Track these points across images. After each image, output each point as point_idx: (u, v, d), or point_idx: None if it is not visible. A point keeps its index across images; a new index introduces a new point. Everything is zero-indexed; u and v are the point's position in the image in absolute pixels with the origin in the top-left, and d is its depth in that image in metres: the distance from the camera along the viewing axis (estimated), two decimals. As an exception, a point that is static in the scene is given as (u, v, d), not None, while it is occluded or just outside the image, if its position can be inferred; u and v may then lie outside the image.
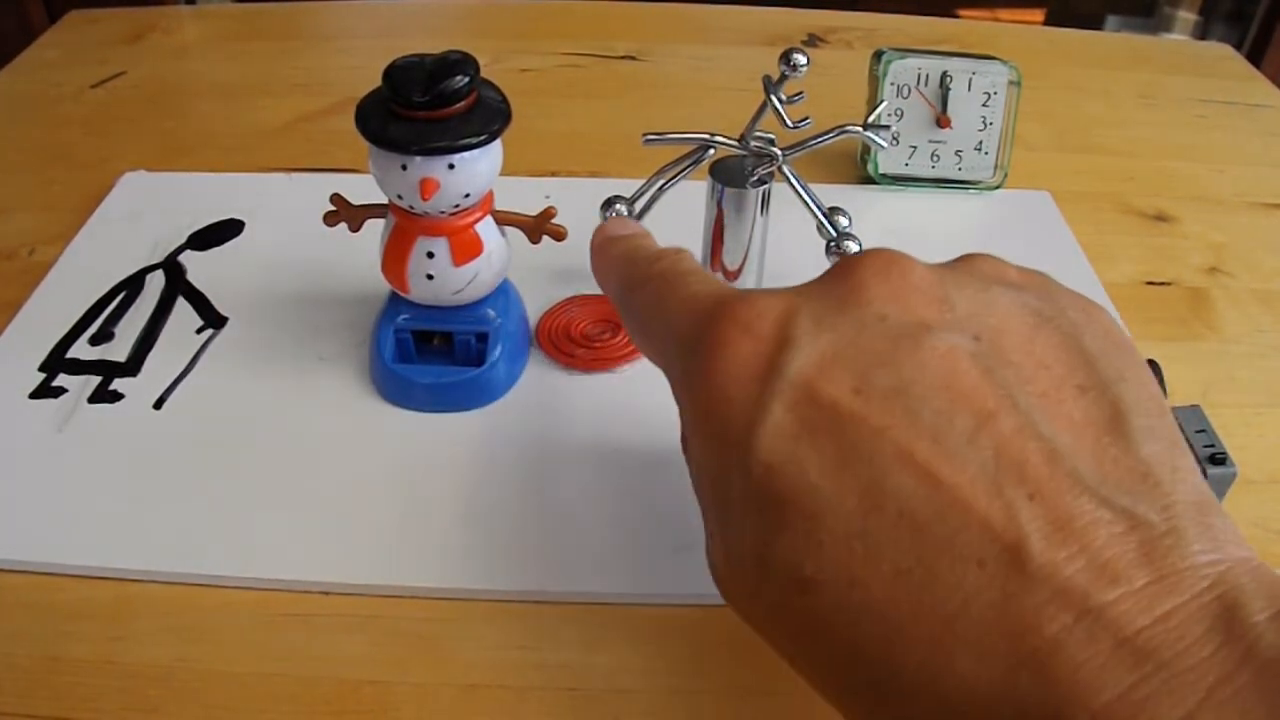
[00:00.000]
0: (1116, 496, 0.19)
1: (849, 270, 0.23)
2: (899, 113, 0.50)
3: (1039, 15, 1.72)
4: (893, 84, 0.50)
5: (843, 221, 0.42)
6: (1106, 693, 0.17)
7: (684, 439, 0.27)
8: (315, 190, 0.39)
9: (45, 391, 0.39)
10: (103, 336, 0.41)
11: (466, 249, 0.36)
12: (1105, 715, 0.17)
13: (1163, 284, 0.47)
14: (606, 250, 0.30)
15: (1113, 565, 0.18)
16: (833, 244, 0.41)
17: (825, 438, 0.20)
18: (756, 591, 0.21)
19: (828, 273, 0.24)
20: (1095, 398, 0.21)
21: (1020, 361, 0.21)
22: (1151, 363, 0.38)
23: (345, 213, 0.38)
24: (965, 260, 0.25)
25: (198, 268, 0.45)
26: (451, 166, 0.33)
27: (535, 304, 0.43)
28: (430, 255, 0.36)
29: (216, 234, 0.48)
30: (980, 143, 0.51)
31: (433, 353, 0.39)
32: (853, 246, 0.41)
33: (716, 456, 0.22)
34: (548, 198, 0.38)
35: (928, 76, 0.50)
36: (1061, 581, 0.18)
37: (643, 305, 0.27)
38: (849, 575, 0.19)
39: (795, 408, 0.21)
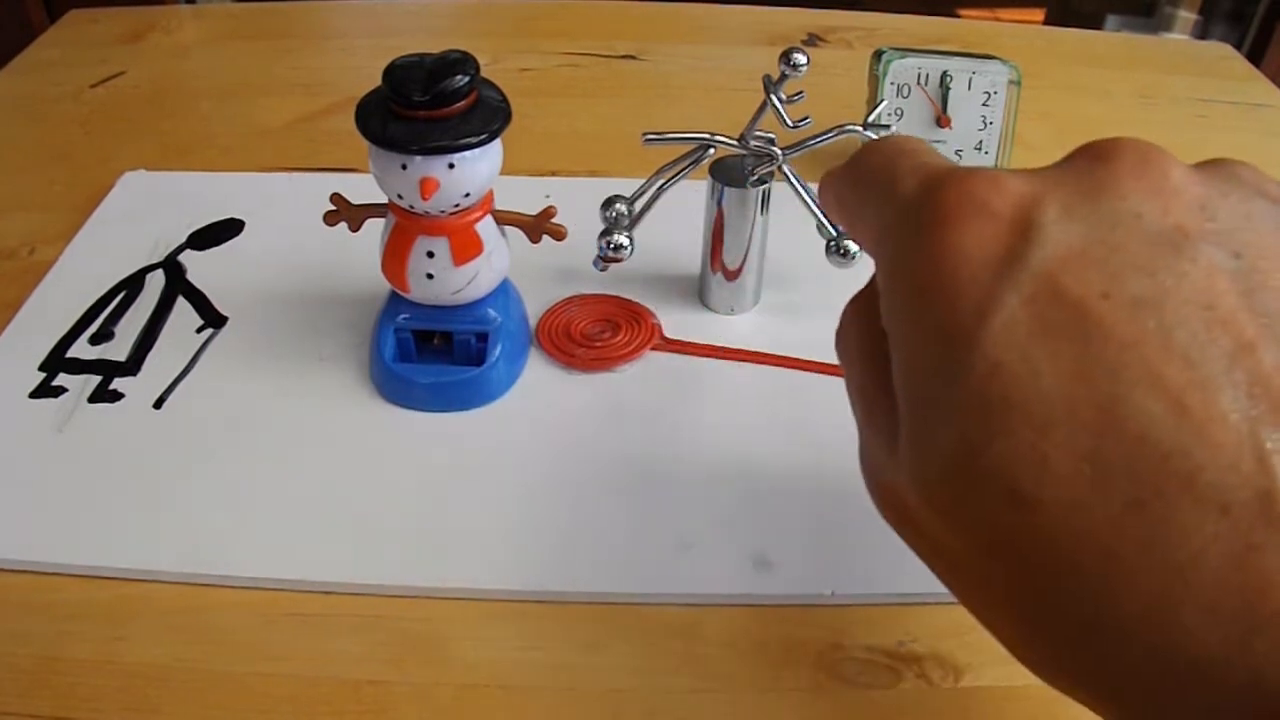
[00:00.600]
0: None
1: (1102, 156, 0.20)
2: (899, 112, 0.50)
3: (1039, 15, 1.72)
4: (893, 84, 0.50)
5: (843, 221, 0.42)
6: None
7: (843, 333, 0.25)
8: (315, 190, 0.39)
9: (45, 391, 0.39)
10: (103, 336, 0.41)
11: (466, 249, 0.36)
12: None
13: (1163, 284, 0.47)
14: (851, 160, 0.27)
15: None
16: (833, 244, 0.41)
17: (1065, 341, 0.18)
18: (957, 501, 0.19)
19: (1073, 156, 0.21)
20: None
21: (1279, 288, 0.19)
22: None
23: (345, 213, 0.38)
24: (1224, 165, 0.22)
25: (198, 267, 0.45)
26: (451, 166, 0.33)
27: (535, 304, 0.43)
28: (430, 255, 0.36)
29: (216, 234, 0.48)
30: (980, 142, 0.51)
31: (433, 352, 0.39)
32: (853, 246, 0.41)
33: (932, 346, 0.20)
34: (548, 198, 0.38)
35: (928, 76, 0.50)
36: None
37: (864, 170, 0.24)
38: (1072, 497, 0.17)
39: (1034, 303, 0.18)
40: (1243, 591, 0.16)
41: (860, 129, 0.40)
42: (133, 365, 0.40)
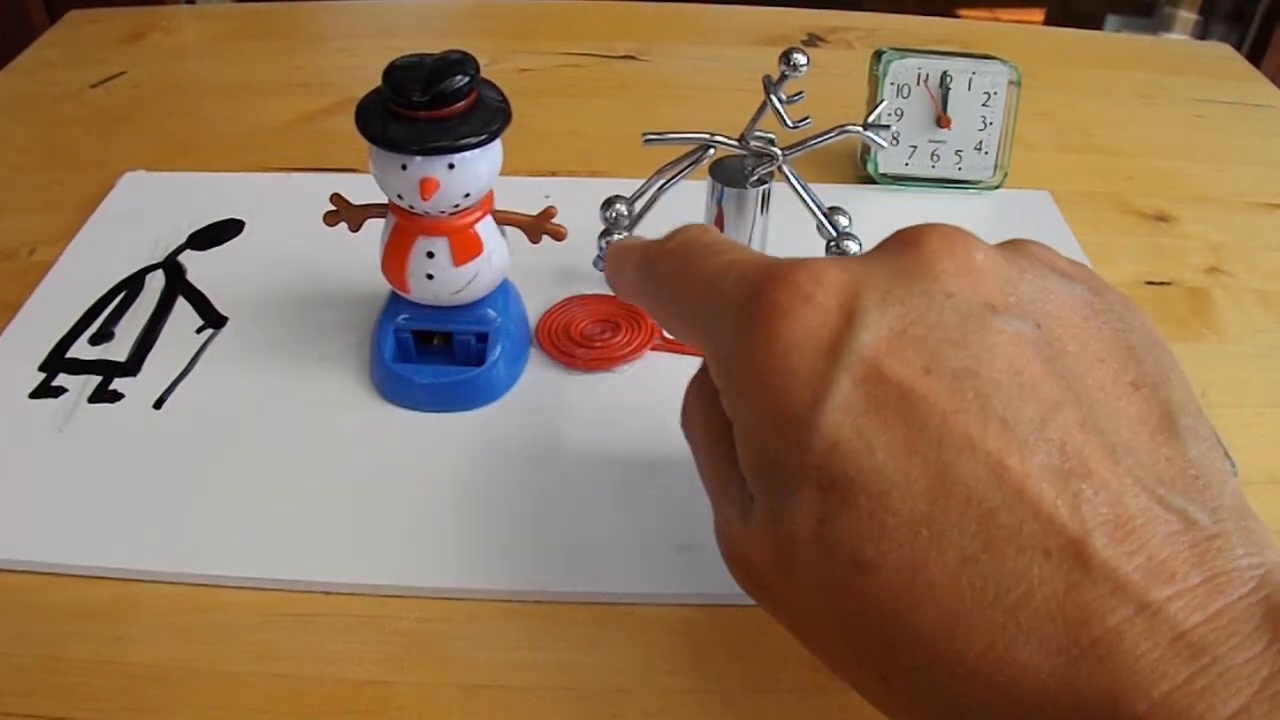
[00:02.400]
0: (1172, 497, 0.19)
1: (913, 242, 0.22)
2: (899, 112, 0.50)
3: (1039, 15, 1.72)
4: (893, 84, 0.50)
5: (843, 221, 0.42)
6: (1165, 683, 0.17)
7: (688, 415, 0.27)
8: (315, 190, 0.39)
9: (45, 391, 0.39)
10: (103, 336, 0.41)
11: (466, 249, 0.36)
12: (1164, 704, 0.17)
13: (1163, 284, 0.48)
14: (618, 252, 0.29)
15: (1169, 563, 0.18)
16: (833, 244, 0.41)
17: (894, 417, 0.20)
18: (807, 570, 0.21)
19: (886, 243, 0.23)
20: (1147, 395, 0.21)
21: (1077, 352, 0.21)
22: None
23: (345, 213, 0.38)
24: (1020, 244, 0.24)
25: (198, 267, 0.45)
26: (451, 166, 0.33)
27: (535, 304, 0.43)
28: (430, 255, 0.36)
29: (216, 234, 0.48)
30: (980, 142, 0.51)
31: (433, 353, 0.39)
32: (853, 246, 0.41)
33: (773, 430, 0.21)
34: (548, 198, 0.38)
35: (928, 76, 0.50)
36: (1123, 576, 0.18)
37: (670, 275, 0.26)
38: (912, 559, 0.19)
39: (863, 384, 0.20)
40: (1067, 625, 0.18)
41: (860, 129, 0.40)
42: (133, 365, 0.40)
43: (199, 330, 0.42)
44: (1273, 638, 0.17)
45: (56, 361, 0.40)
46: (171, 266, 0.45)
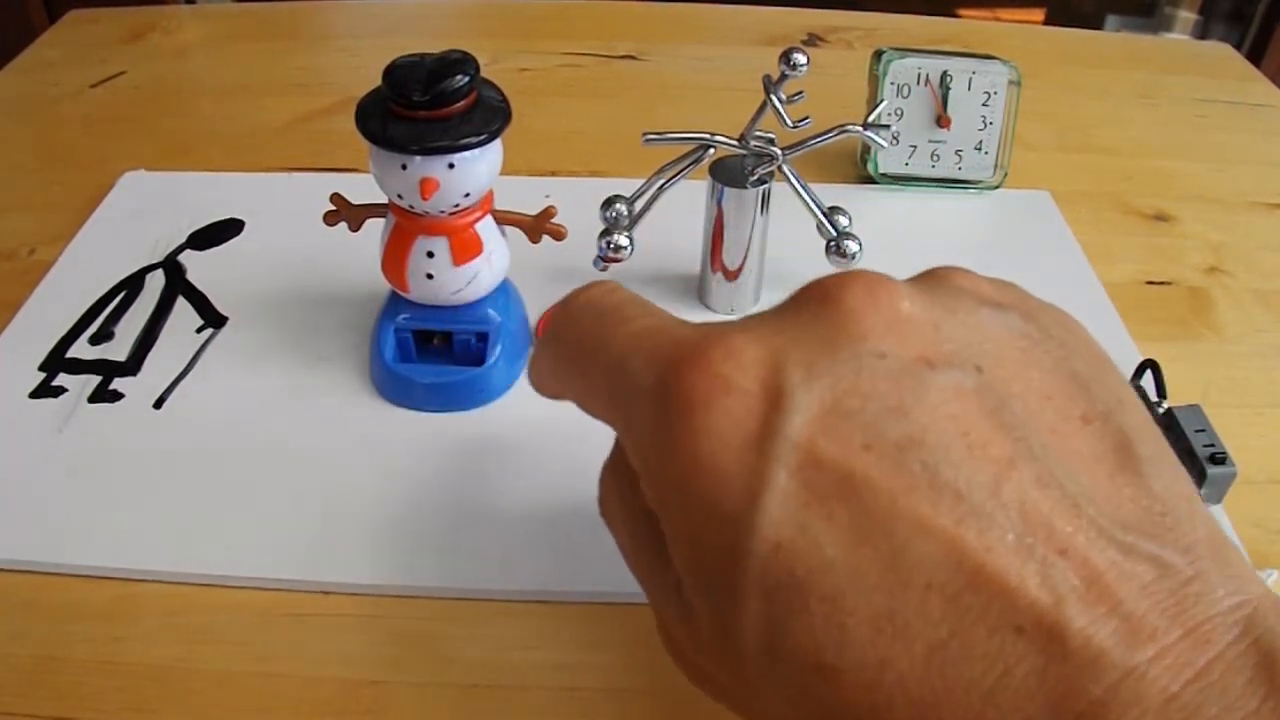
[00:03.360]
0: (1141, 543, 0.18)
1: (829, 299, 0.20)
2: (899, 112, 0.50)
3: (1039, 15, 1.72)
4: (893, 84, 0.50)
5: (843, 221, 0.42)
6: None
7: (607, 504, 0.25)
8: (315, 190, 0.39)
9: (45, 391, 0.39)
10: (103, 336, 0.41)
11: (466, 249, 0.36)
12: None
13: (1163, 284, 0.47)
14: (537, 346, 0.26)
15: (1148, 620, 0.17)
16: (833, 244, 0.41)
17: (838, 505, 0.18)
18: (763, 679, 0.19)
19: (798, 300, 0.21)
20: (1099, 428, 0.20)
21: (1022, 393, 0.20)
22: (1151, 363, 0.38)
23: (345, 212, 0.38)
24: (939, 276, 0.22)
25: (198, 267, 0.45)
26: (451, 166, 0.33)
27: (535, 304, 0.43)
28: (430, 255, 0.36)
29: (216, 234, 0.48)
30: (980, 142, 0.51)
31: (433, 352, 0.39)
32: (853, 246, 0.41)
33: (710, 531, 0.19)
34: (548, 198, 0.38)
35: (928, 76, 0.50)
36: (1100, 644, 0.17)
37: (574, 343, 0.23)
38: (877, 657, 0.18)
39: (800, 473, 0.18)
40: (1049, 703, 0.17)
41: (860, 129, 0.40)
42: (133, 365, 0.40)
43: (199, 330, 0.42)
44: (1268, 691, 0.16)
45: (56, 361, 0.40)
46: (171, 266, 0.45)
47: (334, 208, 0.38)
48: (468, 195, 0.35)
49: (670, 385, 0.20)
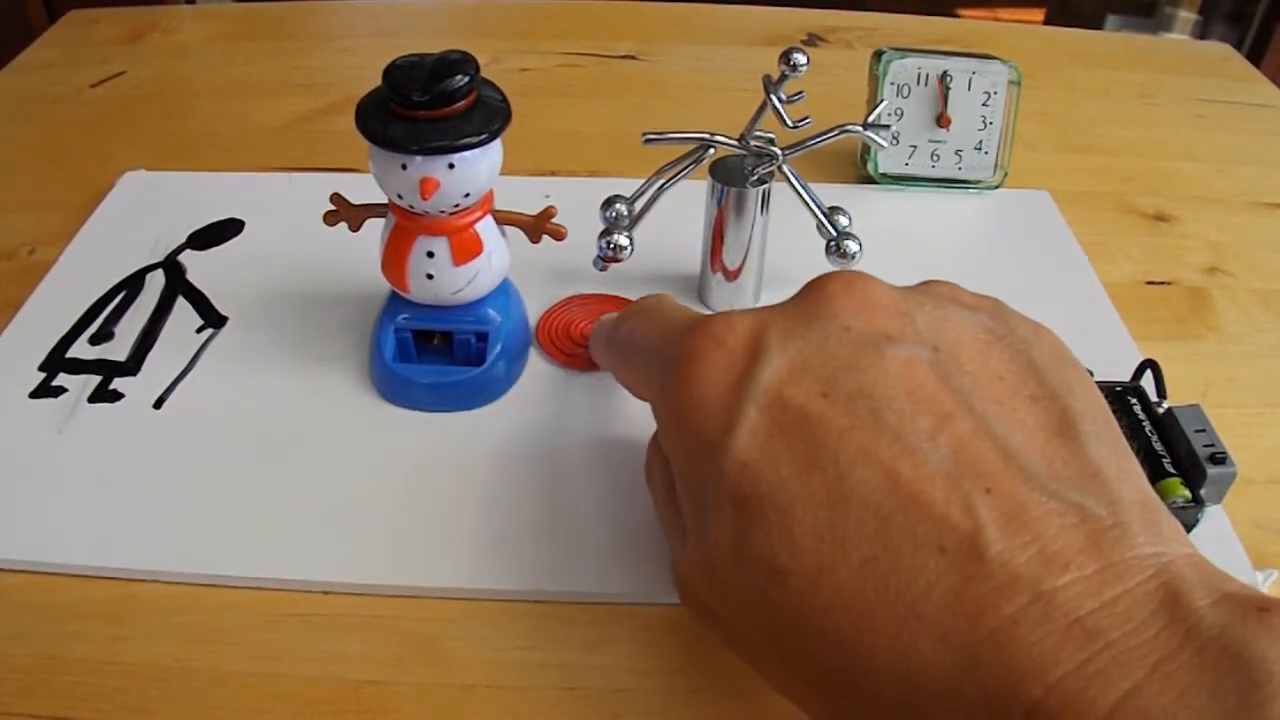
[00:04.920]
0: (1066, 492, 0.20)
1: (816, 288, 0.25)
2: (899, 112, 0.50)
3: (1039, 15, 1.72)
4: (893, 84, 0.50)
5: (843, 221, 0.42)
6: (1060, 667, 0.18)
7: (649, 466, 0.30)
8: (315, 190, 0.39)
9: (45, 391, 0.39)
10: (103, 336, 0.41)
11: (466, 249, 0.36)
12: (1059, 688, 0.18)
13: (1163, 284, 0.48)
14: (597, 327, 0.34)
15: (1064, 553, 0.19)
16: (833, 244, 0.41)
17: (796, 438, 0.22)
18: (733, 585, 0.22)
19: (797, 293, 0.25)
20: (1046, 406, 0.22)
21: (975, 371, 0.23)
22: (1151, 362, 0.38)
23: (345, 212, 0.38)
24: (925, 284, 0.26)
25: (198, 267, 0.45)
26: (451, 166, 0.33)
27: (535, 304, 0.43)
28: (430, 255, 0.36)
29: (216, 234, 0.48)
30: (980, 142, 0.51)
31: (433, 352, 0.39)
32: (853, 246, 0.41)
33: (695, 460, 0.24)
34: (548, 198, 0.38)
35: (928, 76, 0.50)
36: (1017, 567, 0.19)
37: (626, 335, 0.30)
38: (818, 564, 0.21)
39: (767, 411, 0.22)
40: (966, 616, 0.19)
41: (860, 129, 0.40)
42: (133, 365, 0.40)
43: (199, 330, 0.42)
44: (1167, 622, 0.18)
45: (56, 361, 0.40)
46: (171, 266, 0.45)
47: (334, 208, 0.38)
48: (468, 195, 0.35)
49: (679, 345, 0.25)
